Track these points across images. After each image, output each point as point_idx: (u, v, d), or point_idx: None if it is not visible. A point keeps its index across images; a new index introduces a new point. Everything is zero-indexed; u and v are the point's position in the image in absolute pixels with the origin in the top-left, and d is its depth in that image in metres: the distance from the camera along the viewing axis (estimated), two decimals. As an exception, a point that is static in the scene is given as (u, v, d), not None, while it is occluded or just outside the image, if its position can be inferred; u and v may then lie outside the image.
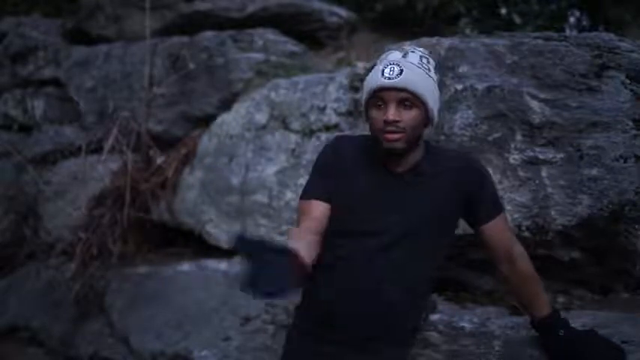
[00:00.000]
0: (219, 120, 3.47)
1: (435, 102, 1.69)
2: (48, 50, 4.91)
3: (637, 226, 2.06)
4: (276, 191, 2.97)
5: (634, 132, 2.06)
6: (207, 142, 3.47)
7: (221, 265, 3.21)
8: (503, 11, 5.51)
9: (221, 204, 3.24)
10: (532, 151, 2.15)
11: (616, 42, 2.25)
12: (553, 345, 1.74)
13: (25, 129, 4.88)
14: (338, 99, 2.87)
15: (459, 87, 2.33)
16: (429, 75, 1.66)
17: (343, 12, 4.66)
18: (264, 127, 3.16)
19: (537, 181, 2.13)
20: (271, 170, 3.02)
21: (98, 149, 3.81)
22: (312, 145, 2.88)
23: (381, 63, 1.67)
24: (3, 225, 4.41)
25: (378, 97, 1.63)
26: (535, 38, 2.34)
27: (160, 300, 3.25)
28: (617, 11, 5.11)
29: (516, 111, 2.19)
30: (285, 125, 3.06)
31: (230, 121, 3.36)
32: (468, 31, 5.16)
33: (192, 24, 4.21)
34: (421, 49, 1.72)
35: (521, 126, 2.18)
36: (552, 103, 2.16)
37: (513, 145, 2.18)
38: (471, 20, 5.46)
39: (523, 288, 1.76)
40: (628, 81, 2.14)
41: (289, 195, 2.89)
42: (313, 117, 2.94)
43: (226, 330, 2.83)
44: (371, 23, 4.87)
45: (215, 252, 3.31)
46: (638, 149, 2.04)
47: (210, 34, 3.92)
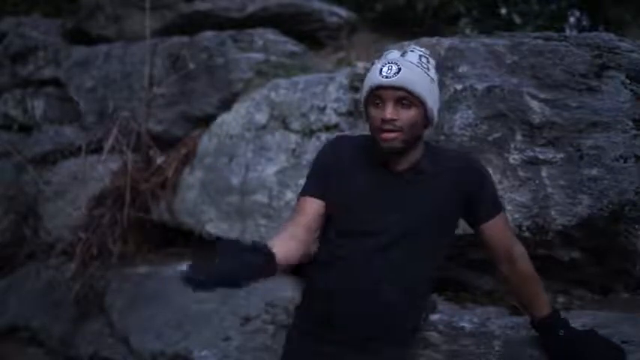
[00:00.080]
0: (219, 120, 3.47)
1: (435, 102, 1.68)
2: (48, 50, 4.91)
3: (637, 226, 2.06)
4: (276, 191, 2.97)
5: (634, 132, 2.06)
6: (207, 142, 3.47)
7: (221, 265, 3.21)
8: (503, 11, 5.51)
9: (221, 204, 3.24)
10: (532, 151, 2.15)
11: (616, 42, 2.25)
12: (553, 345, 1.74)
13: (25, 129, 4.87)
14: (338, 99, 2.87)
15: (459, 87, 2.33)
16: (428, 74, 1.65)
17: (343, 12, 4.65)
18: (264, 127, 3.15)
19: (537, 181, 2.13)
20: (271, 170, 3.01)
21: (98, 149, 3.81)
22: (312, 145, 2.88)
23: (380, 62, 1.67)
24: (3, 225, 4.41)
25: (376, 96, 1.63)
26: (535, 38, 2.34)
27: (160, 300, 3.24)
28: (617, 11, 5.11)
29: (516, 111, 2.19)
30: (285, 125, 3.06)
31: (230, 121, 3.36)
32: (468, 31, 5.15)
33: (192, 24, 4.21)
34: (421, 49, 1.71)
35: (521, 126, 2.18)
36: (552, 103, 2.16)
37: (513, 145, 2.18)
38: (471, 20, 5.45)
39: (523, 288, 1.76)
40: (628, 81, 2.14)
41: (289, 195, 2.89)
42: (313, 117, 2.94)
43: (226, 330, 2.83)
44: (371, 23, 4.87)
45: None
46: (638, 149, 2.04)
47: (210, 34, 3.92)
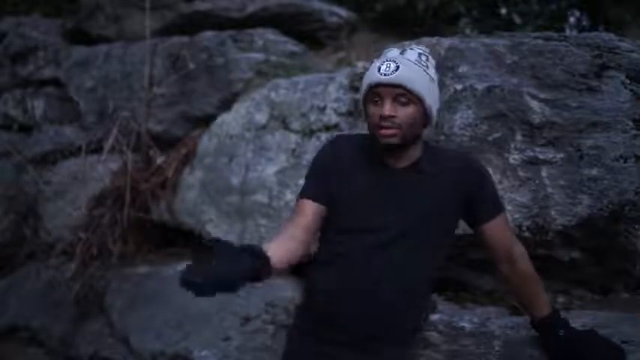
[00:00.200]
0: (219, 120, 3.46)
1: (434, 101, 1.68)
2: (48, 50, 4.91)
3: (637, 226, 2.06)
4: (276, 191, 2.97)
5: (634, 132, 2.06)
6: (207, 142, 3.46)
7: (221, 265, 3.21)
8: (503, 11, 5.52)
9: (221, 204, 3.24)
10: (532, 151, 2.15)
11: (616, 42, 2.25)
12: (553, 345, 1.74)
13: (25, 129, 4.88)
14: (338, 99, 2.87)
15: (459, 87, 2.33)
16: (427, 72, 1.66)
17: (343, 12, 4.65)
18: (264, 127, 3.15)
19: (537, 181, 2.13)
20: (271, 170, 3.01)
21: (98, 149, 3.81)
22: (312, 145, 2.87)
23: (379, 60, 1.68)
24: (3, 225, 4.41)
25: (375, 93, 1.64)
26: (535, 38, 2.34)
27: (160, 300, 3.24)
28: (617, 11, 5.11)
29: (516, 111, 2.19)
30: (285, 125, 3.06)
31: (230, 121, 3.36)
32: (468, 31, 5.16)
33: (192, 24, 4.21)
34: (421, 47, 1.72)
35: (521, 126, 2.18)
36: (552, 103, 2.16)
37: (513, 145, 2.18)
38: (471, 20, 5.46)
39: (523, 288, 1.76)
40: (628, 81, 2.14)
41: (289, 195, 2.88)
42: (313, 117, 2.94)
43: (226, 330, 2.83)
44: (371, 23, 4.87)
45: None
46: (638, 149, 2.04)
47: (210, 34, 3.92)
